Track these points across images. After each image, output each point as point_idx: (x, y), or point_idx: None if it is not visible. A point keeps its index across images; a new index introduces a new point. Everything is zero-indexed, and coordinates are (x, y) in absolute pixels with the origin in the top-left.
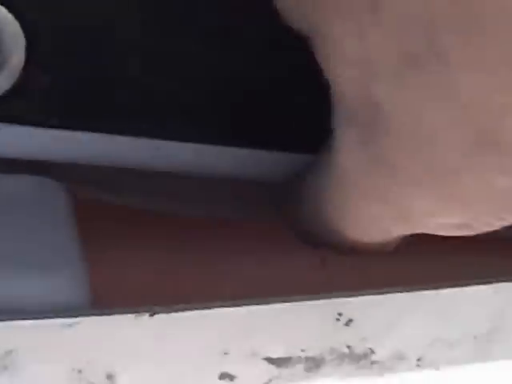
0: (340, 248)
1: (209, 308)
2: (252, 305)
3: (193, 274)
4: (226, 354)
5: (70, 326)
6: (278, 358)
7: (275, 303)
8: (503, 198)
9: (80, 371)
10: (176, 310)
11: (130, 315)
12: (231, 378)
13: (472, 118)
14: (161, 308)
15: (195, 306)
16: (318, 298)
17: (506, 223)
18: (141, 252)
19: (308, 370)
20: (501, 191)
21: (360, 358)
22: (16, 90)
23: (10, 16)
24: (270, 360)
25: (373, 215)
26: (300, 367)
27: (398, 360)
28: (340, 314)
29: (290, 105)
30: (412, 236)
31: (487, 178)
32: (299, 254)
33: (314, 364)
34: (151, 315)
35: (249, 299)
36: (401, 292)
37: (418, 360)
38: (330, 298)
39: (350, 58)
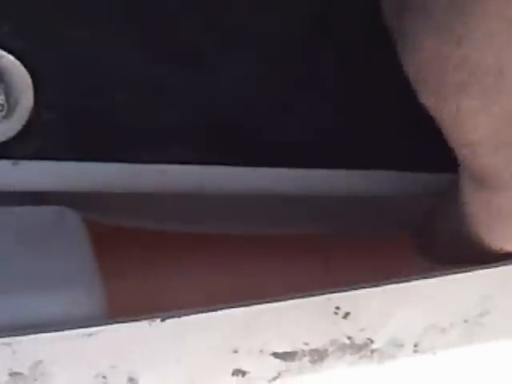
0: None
1: (214, 310)
2: (254, 305)
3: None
4: (235, 352)
5: (90, 335)
6: (284, 353)
7: (275, 302)
8: None
9: (104, 377)
10: (185, 314)
11: (143, 321)
12: (243, 373)
13: None
14: (171, 313)
15: (201, 309)
16: (316, 295)
17: None
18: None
19: (313, 362)
20: None
21: (361, 348)
22: (28, 129)
23: (16, 62)
24: (276, 355)
25: None
26: (305, 360)
27: (396, 347)
28: (337, 308)
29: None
30: None
31: None
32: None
33: (318, 356)
34: (163, 320)
35: (250, 300)
36: (391, 284)
37: (415, 346)
38: (326, 293)
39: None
